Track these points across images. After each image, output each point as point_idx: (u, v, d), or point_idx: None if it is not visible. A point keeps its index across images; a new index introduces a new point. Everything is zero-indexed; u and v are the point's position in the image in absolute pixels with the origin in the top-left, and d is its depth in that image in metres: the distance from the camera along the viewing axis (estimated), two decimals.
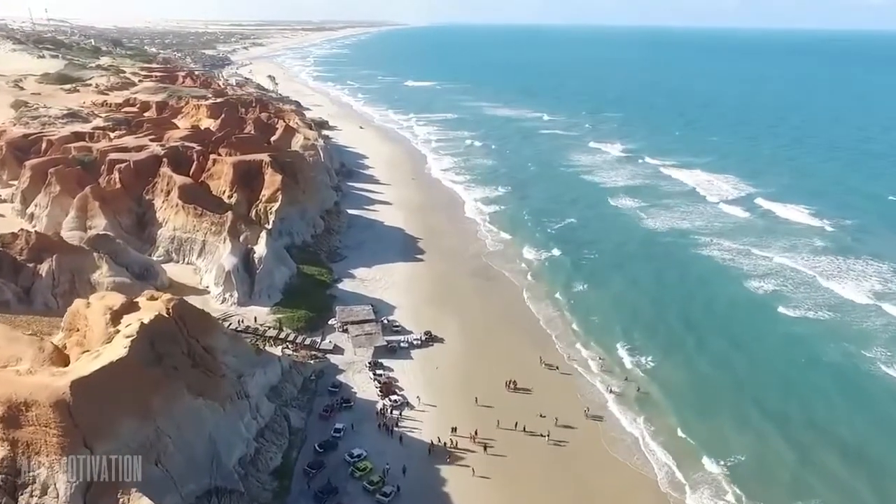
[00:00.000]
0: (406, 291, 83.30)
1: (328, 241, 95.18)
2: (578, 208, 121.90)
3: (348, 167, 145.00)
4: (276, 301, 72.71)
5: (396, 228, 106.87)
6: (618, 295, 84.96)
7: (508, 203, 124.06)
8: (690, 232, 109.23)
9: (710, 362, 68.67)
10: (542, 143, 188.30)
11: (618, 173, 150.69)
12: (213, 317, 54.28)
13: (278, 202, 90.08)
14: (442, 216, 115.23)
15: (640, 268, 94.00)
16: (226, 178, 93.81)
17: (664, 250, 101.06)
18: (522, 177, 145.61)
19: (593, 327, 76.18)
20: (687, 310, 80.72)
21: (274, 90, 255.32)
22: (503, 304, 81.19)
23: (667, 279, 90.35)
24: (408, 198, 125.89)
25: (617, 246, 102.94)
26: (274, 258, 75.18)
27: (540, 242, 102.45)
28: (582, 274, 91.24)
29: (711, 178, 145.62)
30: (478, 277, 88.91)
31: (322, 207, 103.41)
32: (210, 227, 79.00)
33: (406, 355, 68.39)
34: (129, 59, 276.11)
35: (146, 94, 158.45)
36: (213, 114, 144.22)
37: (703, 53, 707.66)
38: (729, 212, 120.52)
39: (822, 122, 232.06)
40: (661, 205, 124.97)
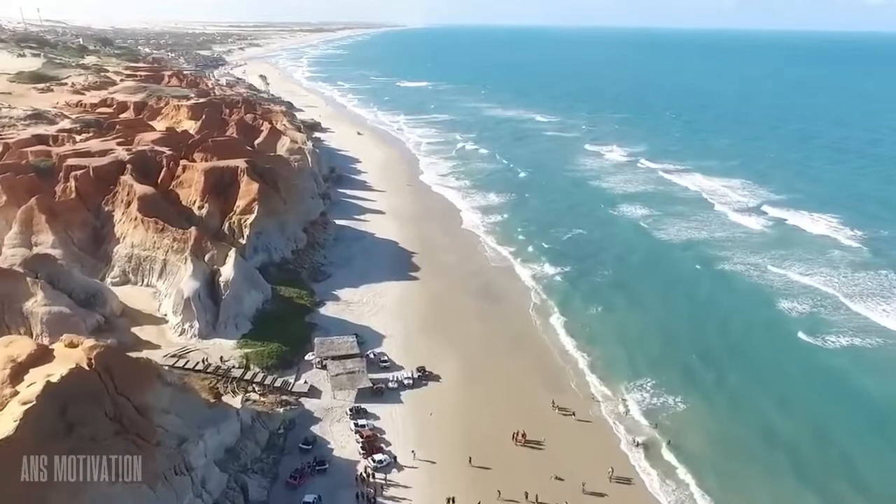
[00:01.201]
0: (397, 317, 72.80)
1: (311, 258, 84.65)
2: (583, 217, 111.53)
3: (339, 172, 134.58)
4: (245, 332, 62.15)
5: (389, 241, 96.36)
6: (634, 319, 74.63)
7: (509, 212, 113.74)
8: (703, 245, 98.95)
9: (738, 403, 59.29)
10: (541, 145, 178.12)
11: (621, 178, 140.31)
12: (152, 365, 43.81)
13: (254, 214, 79.55)
14: (438, 227, 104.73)
15: (655, 287, 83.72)
16: (196, 186, 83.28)
17: (678, 267, 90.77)
18: (522, 182, 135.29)
19: (611, 359, 65.94)
20: (708, 338, 71.10)
21: (265, 90, 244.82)
22: (508, 332, 70.69)
23: (683, 301, 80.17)
24: (402, 206, 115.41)
25: (629, 261, 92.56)
26: (243, 281, 64.69)
27: (546, 257, 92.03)
28: (595, 294, 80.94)
29: (716, 183, 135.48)
30: (479, 299, 78.45)
31: (306, 218, 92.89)
32: (172, 244, 68.46)
33: (395, 398, 57.95)
34: (116, 58, 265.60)
35: (124, 95, 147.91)
36: (195, 115, 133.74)
37: (702, 54, 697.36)
38: (739, 221, 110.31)
39: (825, 123, 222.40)
40: (670, 213, 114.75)
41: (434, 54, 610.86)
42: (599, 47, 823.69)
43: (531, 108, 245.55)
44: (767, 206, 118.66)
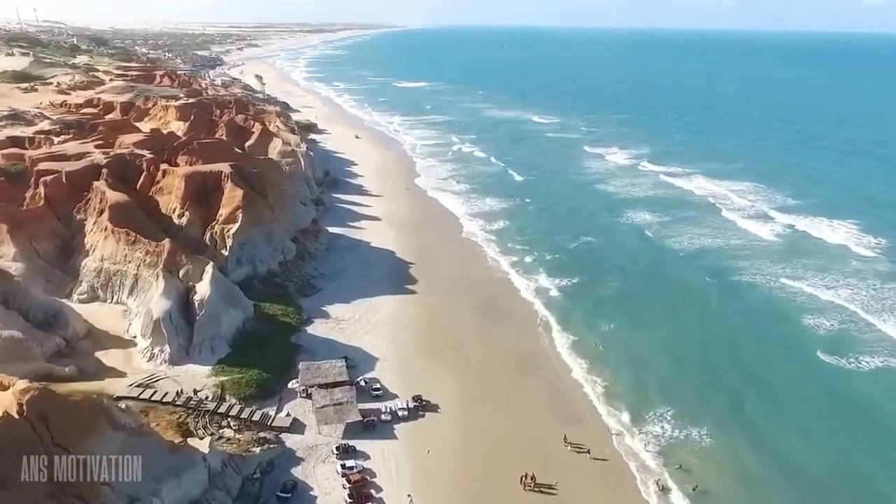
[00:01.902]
0: (392, 336, 66.50)
1: (300, 270, 78.34)
2: (587, 224, 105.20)
3: (334, 176, 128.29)
4: (222, 356, 55.89)
5: (385, 251, 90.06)
6: (646, 337, 68.60)
7: (510, 218, 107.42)
8: (713, 255, 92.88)
9: (761, 436, 53.43)
10: (541, 147, 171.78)
11: (624, 182, 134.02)
12: (100, 406, 37.54)
13: (238, 223, 73.30)
14: (437, 234, 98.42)
15: (666, 301, 77.73)
16: (176, 193, 77.07)
17: (688, 279, 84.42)
18: (522, 186, 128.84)
19: (625, 384, 59.87)
20: (725, 359, 65.31)
21: (261, 91, 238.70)
22: (513, 353, 64.39)
23: (696, 316, 74.21)
24: (399, 212, 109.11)
25: (637, 272, 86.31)
26: (221, 299, 58.44)
27: (551, 267, 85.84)
28: (604, 309, 74.72)
29: (723, 187, 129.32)
30: (480, 315, 72.14)
31: (296, 227, 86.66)
32: (144, 257, 62.19)
33: (388, 432, 51.71)
34: (109, 57, 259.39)
35: (111, 95, 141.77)
36: (183, 116, 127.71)
37: (701, 55, 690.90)
38: (749, 228, 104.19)
39: (827, 124, 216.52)
40: (676, 220, 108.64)
41: (433, 55, 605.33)
42: (599, 48, 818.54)
43: (530, 108, 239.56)
44: (776, 212, 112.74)
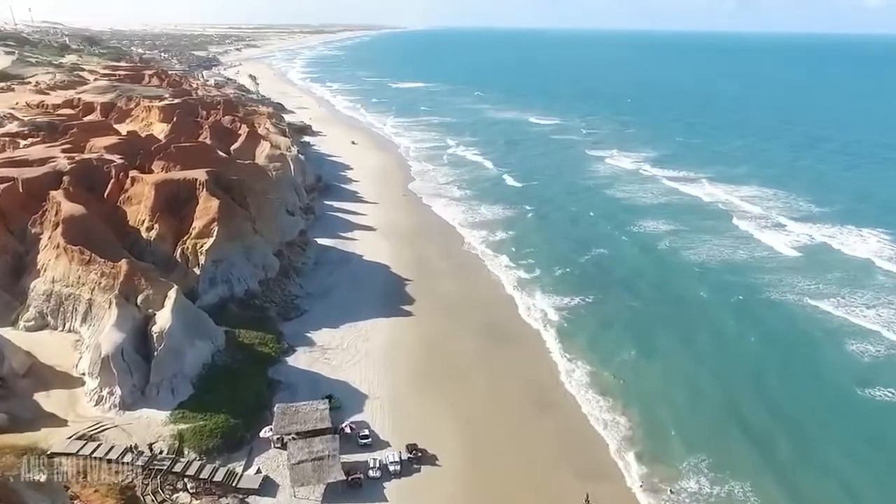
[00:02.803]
0: (385, 367, 58.31)
1: (283, 289, 70.15)
2: (596, 236, 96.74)
3: (327, 181, 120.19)
4: (184, 398, 47.70)
5: (378, 265, 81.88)
6: (671, 367, 60.76)
7: (513, 227, 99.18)
8: (731, 269, 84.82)
9: (808, 489, 45.59)
10: (542, 151, 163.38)
11: (629, 188, 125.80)
12: (4, 487, 29.34)
13: (212, 237, 65.16)
14: (436, 247, 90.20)
15: (689, 323, 69.74)
16: (146, 203, 69.02)
17: (708, 297, 76.17)
18: (525, 193, 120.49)
19: (653, 426, 51.91)
20: (759, 394, 57.24)
21: (255, 91, 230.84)
22: (523, 388, 56.20)
23: (722, 342, 66.33)
24: (396, 221, 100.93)
25: (653, 289, 78.10)
26: (185, 330, 50.31)
27: (560, 285, 77.59)
28: (623, 333, 66.53)
29: (732, 194, 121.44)
30: (484, 341, 63.88)
31: (281, 239, 78.56)
32: (99, 279, 54.06)
33: (376, 493, 43.55)
34: (99, 57, 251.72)
35: (92, 95, 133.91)
36: (167, 117, 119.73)
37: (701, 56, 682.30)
38: (764, 240, 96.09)
39: (831, 126, 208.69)
40: (689, 230, 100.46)
41: (432, 55, 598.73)
42: (597, 49, 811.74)
43: (530, 109, 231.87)
44: (790, 221, 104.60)
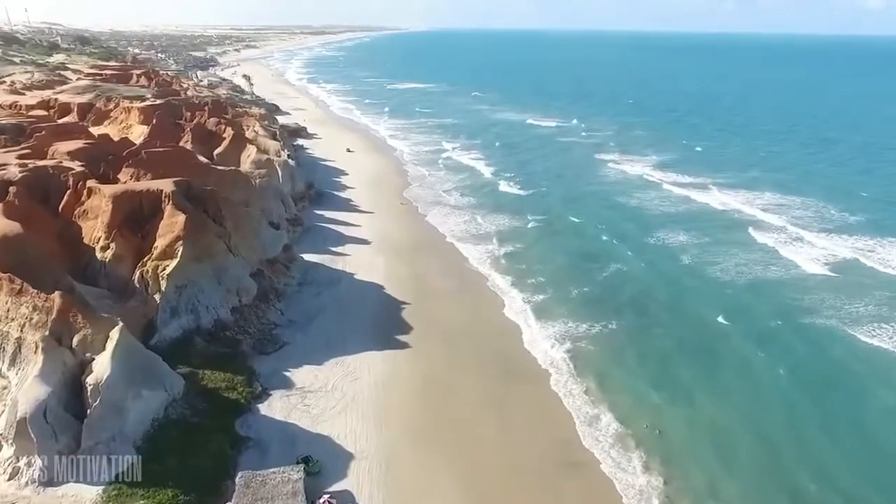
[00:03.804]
0: (376, 417, 48.99)
1: (260, 317, 60.83)
2: (611, 249, 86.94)
3: (319, 188, 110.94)
4: (124, 468, 38.51)
5: (371, 286, 72.56)
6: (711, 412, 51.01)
7: (520, 240, 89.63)
8: (757, 289, 75.03)
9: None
10: (548, 154, 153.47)
11: (641, 196, 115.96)
12: None
13: (176, 258, 55.99)
14: (437, 263, 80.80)
15: (729, 356, 59.90)
16: (103, 218, 59.90)
17: (736, 323, 65.79)
18: (530, 201, 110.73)
19: (701, 494, 42.35)
20: (819, 449, 46.85)
21: (249, 92, 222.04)
22: (544, 444, 46.67)
23: (771, 380, 55.86)
24: (392, 233, 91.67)
25: (678, 311, 68.30)
26: (129, 379, 41.10)
27: (578, 307, 68.10)
28: (654, 370, 56.88)
29: (748, 204, 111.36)
30: (494, 380, 54.41)
31: (261, 257, 69.30)
32: (31, 314, 44.79)
33: None
34: (88, 56, 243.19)
35: (69, 95, 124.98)
36: (147, 119, 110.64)
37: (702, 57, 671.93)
38: (788, 255, 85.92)
39: (838, 127, 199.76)
40: (707, 243, 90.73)
41: (432, 56, 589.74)
42: (599, 49, 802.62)
43: (531, 111, 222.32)
44: (813, 234, 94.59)
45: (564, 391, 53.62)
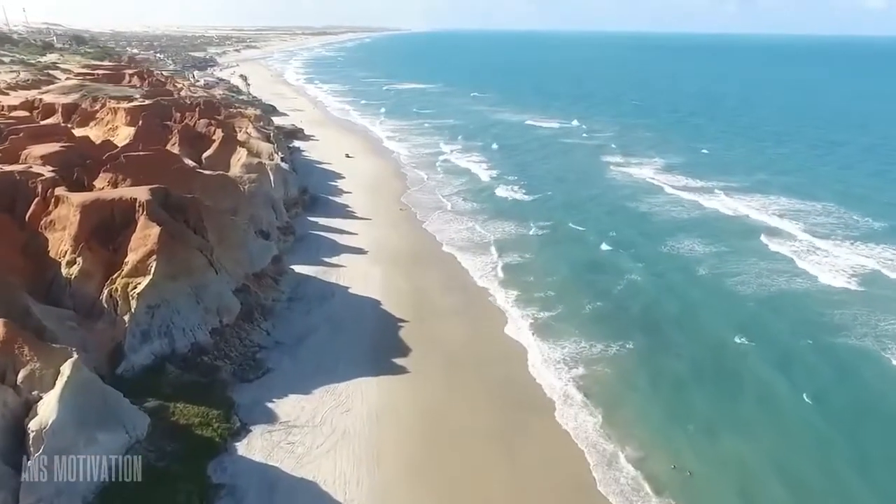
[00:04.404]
0: (369, 458, 43.03)
1: (244, 339, 54.95)
2: (621, 260, 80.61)
3: (314, 193, 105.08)
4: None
5: (367, 301, 66.68)
6: (748, 449, 44.92)
7: (525, 250, 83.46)
8: (775, 306, 68.35)
9: None
10: (550, 158, 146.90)
11: (648, 202, 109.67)
12: None
13: (149, 275, 50.11)
14: (437, 274, 74.96)
15: (758, 381, 53.76)
16: (70, 229, 54.02)
17: (758, 344, 59.58)
18: (535, 207, 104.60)
19: None
20: None
21: (246, 92, 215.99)
22: (554, 489, 40.99)
23: (804, 410, 49.82)
24: (390, 241, 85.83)
25: (704, 333, 62.36)
26: (80, 422, 35.25)
27: (590, 326, 62.13)
28: (675, 398, 51.19)
29: (757, 207, 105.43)
30: (500, 413, 48.45)
31: (247, 271, 63.42)
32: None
33: None
34: (82, 56, 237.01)
35: (55, 96, 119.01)
36: (134, 120, 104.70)
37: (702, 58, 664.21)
38: (805, 267, 79.16)
39: (845, 128, 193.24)
40: (724, 251, 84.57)
41: (432, 57, 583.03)
42: (600, 50, 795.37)
43: (532, 112, 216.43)
44: (829, 242, 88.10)
45: (575, 424, 47.78)
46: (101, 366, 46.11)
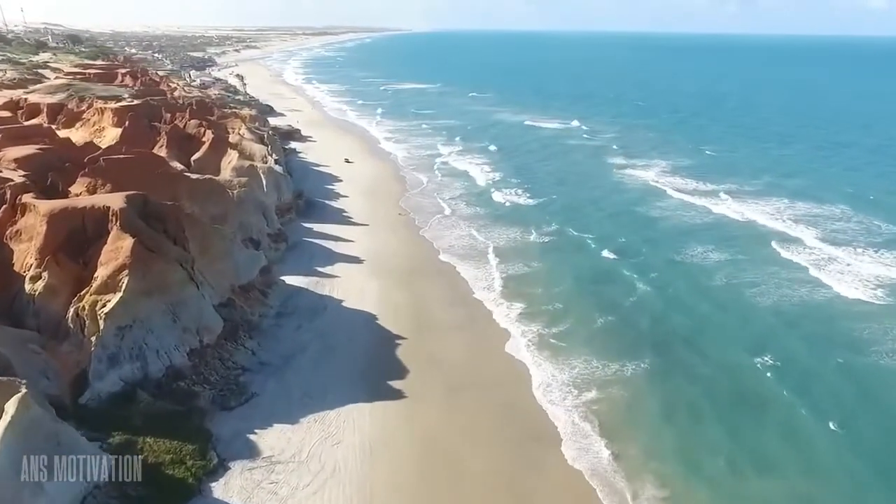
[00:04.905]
0: (363, 498, 38.46)
1: (226, 360, 50.07)
2: (631, 269, 75.62)
3: (309, 197, 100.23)
4: None
5: (362, 316, 61.74)
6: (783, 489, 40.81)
7: (529, 258, 78.29)
8: (801, 322, 63.41)
9: None
10: (552, 160, 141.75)
11: (656, 207, 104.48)
12: None
13: (120, 292, 45.30)
14: (437, 286, 70.04)
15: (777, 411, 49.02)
16: (36, 241, 49.18)
17: (782, 364, 54.59)
18: (539, 212, 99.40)
19: None
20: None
21: (243, 92, 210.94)
22: None
23: (845, 443, 45.51)
24: (388, 250, 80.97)
25: (720, 353, 57.20)
26: (17, 468, 30.46)
27: (601, 344, 57.13)
28: (693, 434, 46.02)
29: (768, 213, 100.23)
30: (506, 448, 43.40)
31: (232, 283, 58.60)
32: None
33: None
34: (76, 55, 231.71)
35: (40, 95, 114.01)
36: (122, 121, 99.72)
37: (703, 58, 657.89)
38: (822, 278, 73.62)
39: (850, 130, 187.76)
40: (735, 260, 79.32)
41: (433, 57, 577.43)
42: (601, 50, 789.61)
43: (531, 112, 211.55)
44: (845, 252, 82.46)
45: (588, 459, 43.06)
46: (65, 394, 41.42)
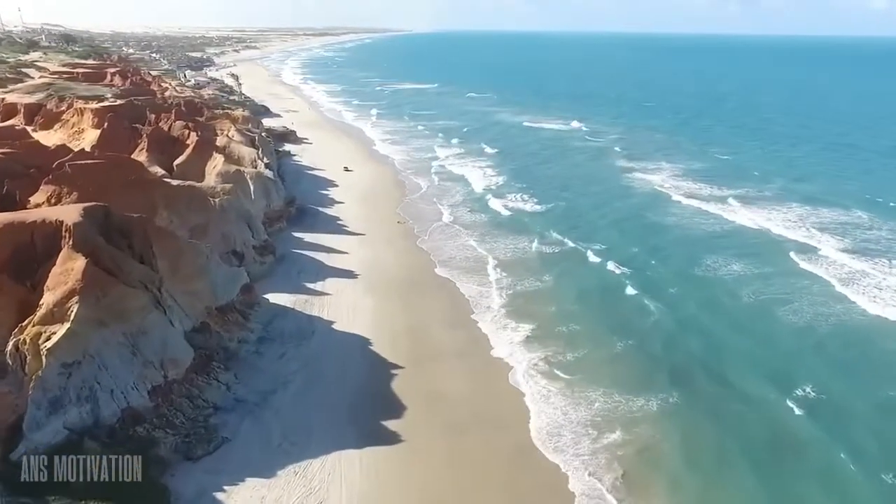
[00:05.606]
0: None
1: (194, 398, 43.17)
2: (644, 286, 68.37)
3: (301, 203, 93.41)
4: None
5: (355, 341, 54.80)
6: None
7: (536, 273, 70.97)
8: (847, 346, 56.72)
9: None
10: (556, 163, 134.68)
11: (666, 214, 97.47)
12: None
13: (67, 323, 38.56)
14: (436, 306, 62.84)
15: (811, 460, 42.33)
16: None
17: (827, 412, 47.80)
18: (544, 220, 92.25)
19: None
20: None
21: (238, 92, 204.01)
22: None
23: None
24: (385, 262, 74.06)
25: (759, 386, 49.71)
26: None
27: (611, 379, 49.51)
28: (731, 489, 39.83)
29: (786, 222, 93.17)
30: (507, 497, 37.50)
31: (206, 306, 51.80)
32: None
33: None
34: (67, 55, 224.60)
35: (18, 95, 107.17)
36: (103, 122, 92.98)
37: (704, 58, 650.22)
38: (850, 295, 67.00)
39: (855, 131, 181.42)
40: (754, 276, 72.15)
41: (434, 57, 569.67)
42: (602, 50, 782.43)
43: (530, 112, 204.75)
44: (872, 266, 74.83)
45: None
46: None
